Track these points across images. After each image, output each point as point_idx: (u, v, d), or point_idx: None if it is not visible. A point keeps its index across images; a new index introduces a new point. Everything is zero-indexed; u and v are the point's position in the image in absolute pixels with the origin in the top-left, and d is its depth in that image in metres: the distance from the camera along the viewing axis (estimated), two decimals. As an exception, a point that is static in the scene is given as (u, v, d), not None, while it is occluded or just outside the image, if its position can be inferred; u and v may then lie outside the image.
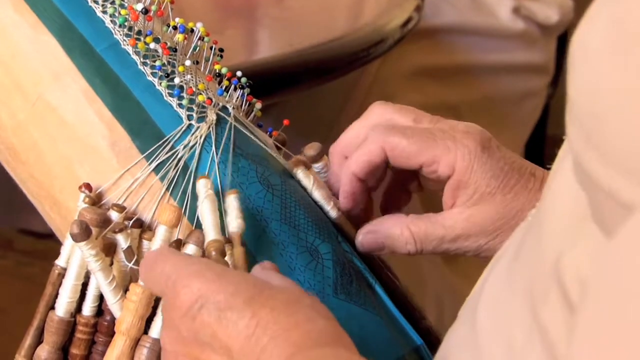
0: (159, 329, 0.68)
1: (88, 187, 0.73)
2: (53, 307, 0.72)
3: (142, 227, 0.72)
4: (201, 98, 0.75)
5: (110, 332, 0.71)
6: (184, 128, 0.74)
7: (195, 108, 0.75)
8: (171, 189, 0.73)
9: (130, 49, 0.76)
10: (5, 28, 0.77)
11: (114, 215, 0.71)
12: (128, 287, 0.69)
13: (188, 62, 0.76)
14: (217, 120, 0.75)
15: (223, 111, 0.76)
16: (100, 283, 0.69)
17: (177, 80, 0.75)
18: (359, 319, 0.73)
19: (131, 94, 0.75)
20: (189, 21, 0.79)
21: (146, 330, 0.68)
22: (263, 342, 0.56)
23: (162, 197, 0.73)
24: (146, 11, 0.77)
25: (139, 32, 0.77)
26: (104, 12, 0.77)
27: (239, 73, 0.80)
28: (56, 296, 0.72)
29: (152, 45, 0.76)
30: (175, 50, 0.77)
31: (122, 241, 0.70)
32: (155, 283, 0.62)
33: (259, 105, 0.82)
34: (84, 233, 0.68)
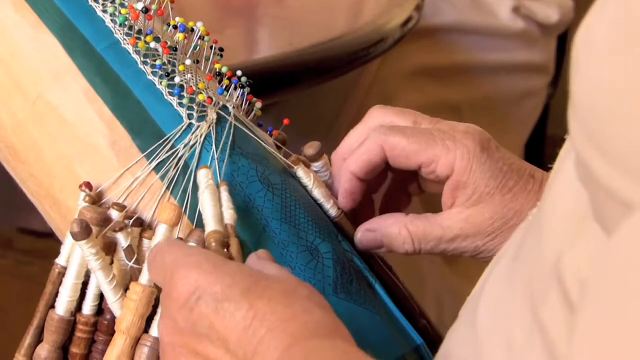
0: (159, 328, 0.68)
1: (88, 186, 0.73)
2: (53, 306, 0.72)
3: (143, 226, 0.72)
4: (201, 97, 0.75)
5: (110, 331, 0.71)
6: (184, 127, 0.74)
7: (195, 107, 0.75)
8: (171, 188, 0.73)
9: (130, 48, 0.76)
10: (5, 27, 0.77)
11: (114, 214, 0.71)
12: (128, 286, 0.69)
13: (188, 61, 0.76)
14: (218, 119, 0.76)
15: (223, 110, 0.76)
16: (100, 282, 0.69)
17: (178, 79, 0.75)
18: (359, 318, 0.73)
19: (131, 93, 0.75)
20: (189, 20, 0.79)
21: (146, 329, 0.68)
22: (260, 334, 0.56)
23: (163, 196, 0.73)
24: (146, 10, 0.77)
25: (139, 31, 0.77)
26: (104, 12, 0.78)
27: (239, 72, 0.80)
28: (56, 295, 0.72)
29: (153, 44, 0.76)
30: (175, 49, 0.77)
31: (122, 240, 0.70)
32: (156, 273, 0.63)
33: (259, 104, 0.82)
34: (84, 232, 0.68)
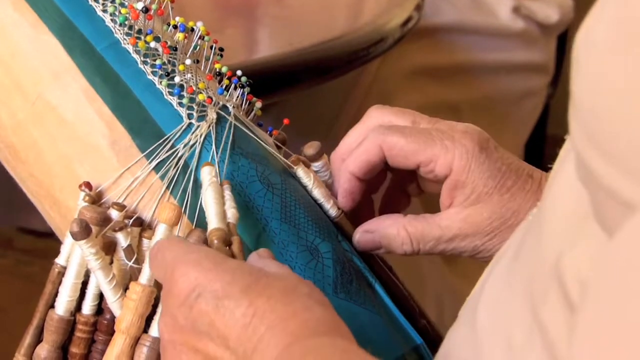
0: (159, 328, 0.68)
1: (88, 186, 0.73)
2: (53, 306, 0.72)
3: (142, 226, 0.72)
4: (201, 97, 0.75)
5: (110, 331, 0.71)
6: (184, 127, 0.74)
7: (195, 107, 0.75)
8: (171, 188, 0.73)
9: (130, 48, 0.76)
10: (5, 27, 0.77)
11: (114, 213, 0.71)
12: (128, 286, 0.69)
13: (188, 61, 0.76)
14: (218, 119, 0.75)
15: (223, 110, 0.76)
16: (100, 281, 0.69)
17: (178, 79, 0.75)
18: (359, 318, 0.73)
19: (131, 93, 0.75)
20: (189, 20, 0.79)
21: (146, 328, 0.68)
22: (260, 332, 0.56)
23: (162, 196, 0.73)
24: (146, 10, 0.77)
25: (139, 31, 0.77)
26: (104, 11, 0.77)
27: (239, 72, 0.80)
28: (56, 295, 0.72)
29: (153, 44, 0.76)
30: (175, 49, 0.77)
31: (122, 240, 0.70)
32: (157, 271, 0.63)
33: (259, 104, 0.82)
34: (84, 231, 0.68)
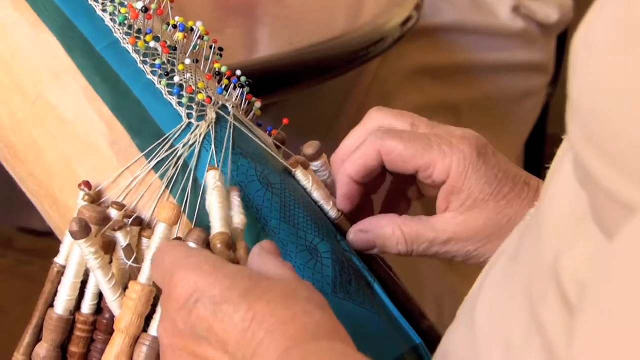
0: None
1: (87, 185, 0.73)
2: (52, 305, 0.72)
3: (142, 225, 0.72)
4: (201, 97, 0.75)
5: (109, 330, 0.71)
6: (184, 126, 0.74)
7: (195, 106, 0.75)
8: (171, 187, 0.73)
9: (130, 48, 0.76)
10: (4, 27, 0.77)
11: (114, 213, 0.71)
12: (127, 285, 0.69)
13: (188, 61, 0.76)
14: (217, 118, 0.76)
15: (223, 110, 0.76)
16: (99, 281, 0.69)
17: (177, 78, 0.75)
18: (358, 318, 0.73)
19: (131, 93, 0.75)
20: (189, 20, 0.79)
21: (145, 328, 0.68)
22: (259, 336, 0.56)
23: (162, 195, 0.73)
24: (146, 10, 0.77)
25: (139, 31, 0.77)
26: (104, 11, 0.77)
27: (239, 72, 0.80)
28: (55, 294, 0.72)
29: (152, 43, 0.76)
30: (175, 48, 0.77)
31: (122, 239, 0.70)
32: (157, 274, 0.63)
33: (259, 104, 0.82)
34: (84, 231, 0.68)
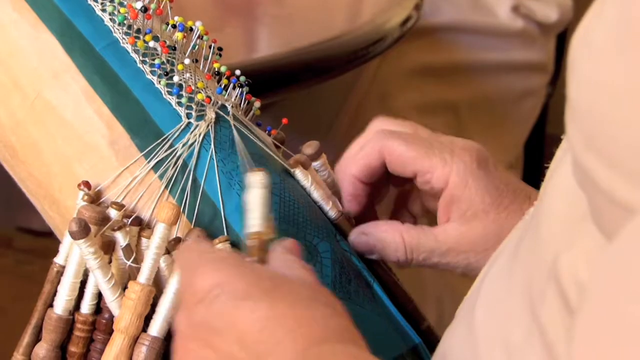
0: (158, 327, 0.68)
1: (87, 185, 0.73)
2: (51, 305, 0.72)
3: (141, 225, 0.72)
4: (200, 96, 0.75)
5: (108, 330, 0.71)
6: (183, 126, 0.74)
7: (194, 106, 0.75)
8: (170, 187, 0.73)
9: (129, 47, 0.76)
10: (4, 26, 0.77)
11: (113, 213, 0.71)
12: (127, 285, 0.69)
13: (187, 61, 0.76)
14: (216, 118, 0.76)
15: (222, 110, 0.76)
16: (98, 281, 0.69)
17: (176, 78, 0.75)
18: (357, 318, 0.73)
19: (130, 93, 0.75)
20: (188, 19, 0.79)
21: (145, 328, 0.68)
22: (278, 335, 0.56)
23: (161, 195, 0.73)
24: (145, 9, 0.77)
25: (138, 31, 0.77)
26: (103, 11, 0.77)
27: (238, 71, 0.81)
28: (55, 294, 0.72)
29: (151, 43, 0.76)
30: (174, 48, 0.77)
31: (121, 239, 0.70)
32: (180, 269, 0.63)
33: (258, 103, 0.82)
34: (83, 231, 0.68)
